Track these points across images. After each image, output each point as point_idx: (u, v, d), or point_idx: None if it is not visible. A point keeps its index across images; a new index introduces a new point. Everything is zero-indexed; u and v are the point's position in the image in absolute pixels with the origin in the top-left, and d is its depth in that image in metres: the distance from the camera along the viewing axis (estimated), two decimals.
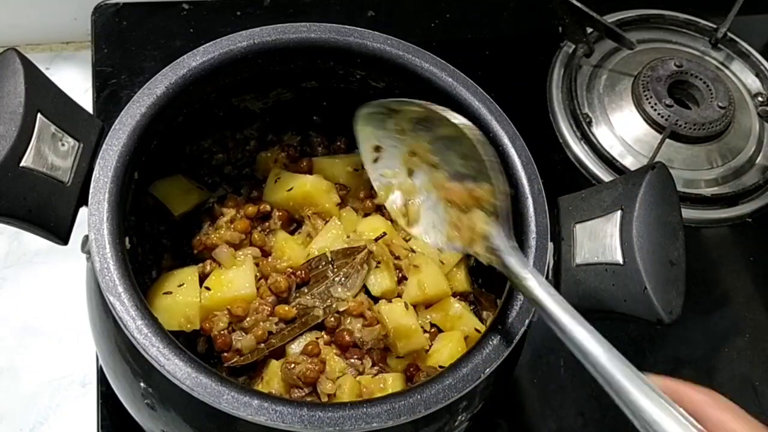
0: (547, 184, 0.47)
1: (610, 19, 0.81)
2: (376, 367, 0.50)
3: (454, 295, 0.55)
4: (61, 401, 0.61)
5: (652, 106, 0.75)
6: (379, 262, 0.53)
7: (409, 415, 0.39)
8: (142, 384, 0.45)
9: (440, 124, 0.41)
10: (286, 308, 0.51)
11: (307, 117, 0.59)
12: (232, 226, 0.54)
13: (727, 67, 0.83)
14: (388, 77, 0.51)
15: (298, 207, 0.55)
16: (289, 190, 0.55)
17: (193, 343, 0.52)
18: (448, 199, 0.42)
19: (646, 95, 0.76)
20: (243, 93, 0.55)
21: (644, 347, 0.66)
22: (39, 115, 0.42)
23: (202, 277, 0.52)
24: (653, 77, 0.77)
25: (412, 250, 0.55)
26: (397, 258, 0.54)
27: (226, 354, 0.50)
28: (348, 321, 0.51)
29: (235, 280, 0.51)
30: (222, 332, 0.50)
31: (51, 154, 0.42)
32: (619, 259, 0.43)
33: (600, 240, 0.44)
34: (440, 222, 0.42)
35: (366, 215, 0.57)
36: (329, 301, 0.51)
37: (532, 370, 0.64)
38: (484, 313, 0.55)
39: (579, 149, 0.75)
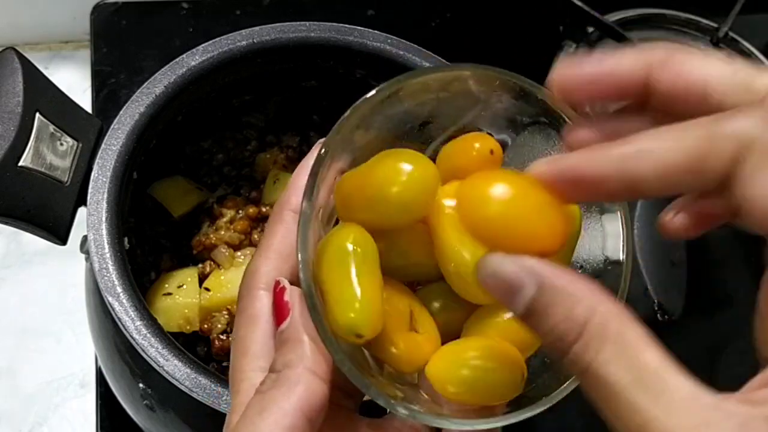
0: None
1: (612, 18, 0.81)
2: None
3: None
4: (60, 402, 0.61)
5: None
6: None
7: None
8: (141, 385, 0.45)
9: None
10: None
11: (307, 117, 0.59)
12: (232, 226, 0.54)
13: None
14: (388, 76, 0.51)
15: None
16: None
17: (193, 346, 0.52)
18: None
19: None
20: (243, 93, 0.55)
21: None
22: (37, 114, 0.42)
23: (202, 278, 0.51)
24: None
25: None
26: None
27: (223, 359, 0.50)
28: None
29: (234, 280, 0.51)
30: (220, 336, 0.50)
31: (50, 153, 0.42)
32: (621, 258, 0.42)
33: None
34: None
35: None
36: None
37: None
38: None
39: None
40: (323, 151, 0.27)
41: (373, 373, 0.28)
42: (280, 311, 0.28)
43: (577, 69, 0.25)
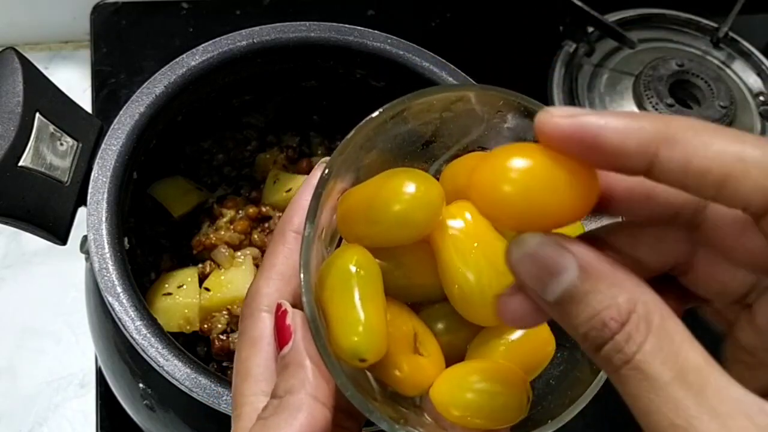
0: None
1: (612, 18, 0.81)
2: None
3: None
4: (60, 402, 0.61)
5: (653, 106, 0.75)
6: None
7: None
8: (141, 385, 0.45)
9: None
10: None
11: (307, 117, 0.59)
12: (232, 226, 0.54)
13: (728, 67, 0.83)
14: (388, 76, 0.51)
15: None
16: (288, 191, 0.54)
17: (193, 346, 0.52)
18: None
19: (647, 95, 0.76)
20: (243, 93, 0.55)
21: None
22: (37, 114, 0.42)
23: (202, 278, 0.51)
24: (654, 77, 0.77)
25: None
26: None
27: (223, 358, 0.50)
28: None
29: (234, 280, 0.51)
30: (220, 336, 0.50)
31: (50, 153, 0.42)
32: None
33: None
34: None
35: None
36: None
37: None
38: None
39: None
40: (326, 171, 0.27)
41: (376, 396, 0.28)
42: (282, 335, 0.27)
43: (576, 123, 0.21)
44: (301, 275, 0.26)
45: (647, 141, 0.20)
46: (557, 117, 0.21)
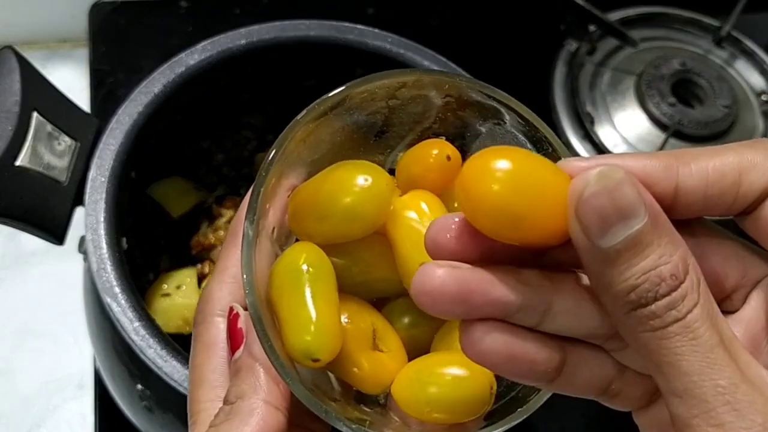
0: None
1: (613, 17, 0.80)
2: None
3: None
4: (58, 403, 0.60)
5: (655, 105, 0.75)
6: None
7: None
8: (139, 386, 0.45)
9: None
10: None
11: None
12: None
13: (731, 66, 0.83)
14: None
15: None
16: None
17: None
18: None
19: (649, 94, 0.75)
20: (242, 93, 0.55)
21: None
22: (35, 113, 0.42)
23: (201, 278, 0.51)
24: (656, 76, 0.76)
25: None
26: None
27: None
28: None
29: None
30: None
31: (47, 153, 0.42)
32: None
33: None
34: None
35: None
36: None
37: None
38: None
39: (582, 148, 0.74)
40: (263, 170, 0.26)
41: (337, 397, 0.27)
42: (234, 339, 0.27)
43: (603, 160, 0.22)
44: (243, 276, 0.25)
45: (667, 163, 0.22)
46: (577, 161, 0.22)
